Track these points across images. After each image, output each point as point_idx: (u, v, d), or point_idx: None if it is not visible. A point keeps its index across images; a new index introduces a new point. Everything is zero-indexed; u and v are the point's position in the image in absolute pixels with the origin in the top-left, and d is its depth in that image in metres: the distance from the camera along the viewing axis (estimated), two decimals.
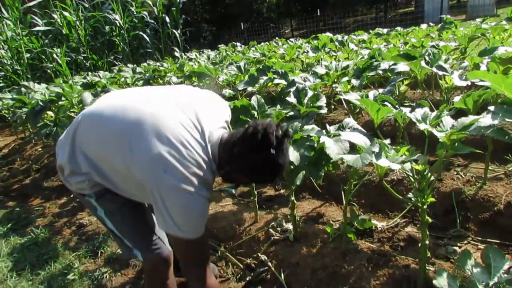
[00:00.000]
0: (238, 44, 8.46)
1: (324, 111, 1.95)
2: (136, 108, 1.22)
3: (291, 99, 2.12)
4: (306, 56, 5.14)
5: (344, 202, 1.96)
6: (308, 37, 7.15)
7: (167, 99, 1.27)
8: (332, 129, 1.68)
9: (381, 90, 2.34)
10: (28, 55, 9.23)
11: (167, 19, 11.80)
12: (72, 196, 3.74)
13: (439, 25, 5.73)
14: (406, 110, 1.78)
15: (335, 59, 5.08)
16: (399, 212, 2.45)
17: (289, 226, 2.33)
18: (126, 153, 1.16)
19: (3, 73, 9.02)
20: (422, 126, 1.38)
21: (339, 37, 5.74)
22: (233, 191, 3.02)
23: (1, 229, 3.18)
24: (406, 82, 2.88)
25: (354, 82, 2.78)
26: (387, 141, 1.48)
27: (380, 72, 2.78)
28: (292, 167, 1.69)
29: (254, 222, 2.48)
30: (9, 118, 6.27)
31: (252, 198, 2.45)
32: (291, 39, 7.54)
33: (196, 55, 7.60)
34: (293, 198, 2.11)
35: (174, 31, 11.91)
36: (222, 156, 1.23)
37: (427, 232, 1.55)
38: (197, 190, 1.14)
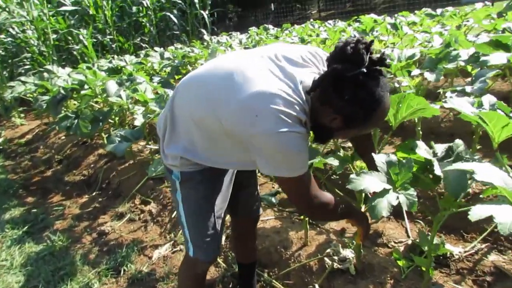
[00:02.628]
0: (271, 26, 7.91)
1: None
2: (225, 65, 1.25)
3: None
4: None
5: (431, 231, 1.51)
6: (335, 19, 6.52)
7: (255, 53, 1.27)
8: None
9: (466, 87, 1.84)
10: (54, 36, 8.92)
11: None
12: (94, 194, 3.44)
13: (505, 5, 4.97)
14: None
15: (385, 45, 4.51)
16: (476, 234, 2.00)
17: (348, 253, 1.90)
18: (217, 107, 1.18)
19: (29, 54, 8.77)
20: None
21: (388, 18, 5.13)
22: (273, 199, 2.61)
23: (16, 232, 2.87)
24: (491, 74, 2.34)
25: (428, 75, 2.27)
26: None
27: (462, 63, 2.26)
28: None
29: (303, 246, 2.05)
30: (32, 103, 6.06)
31: (302, 216, 2.03)
32: (329, 21, 6.94)
33: (226, 39, 7.11)
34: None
35: (202, 12, 11.41)
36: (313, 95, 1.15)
37: None
38: (291, 128, 1.09)
